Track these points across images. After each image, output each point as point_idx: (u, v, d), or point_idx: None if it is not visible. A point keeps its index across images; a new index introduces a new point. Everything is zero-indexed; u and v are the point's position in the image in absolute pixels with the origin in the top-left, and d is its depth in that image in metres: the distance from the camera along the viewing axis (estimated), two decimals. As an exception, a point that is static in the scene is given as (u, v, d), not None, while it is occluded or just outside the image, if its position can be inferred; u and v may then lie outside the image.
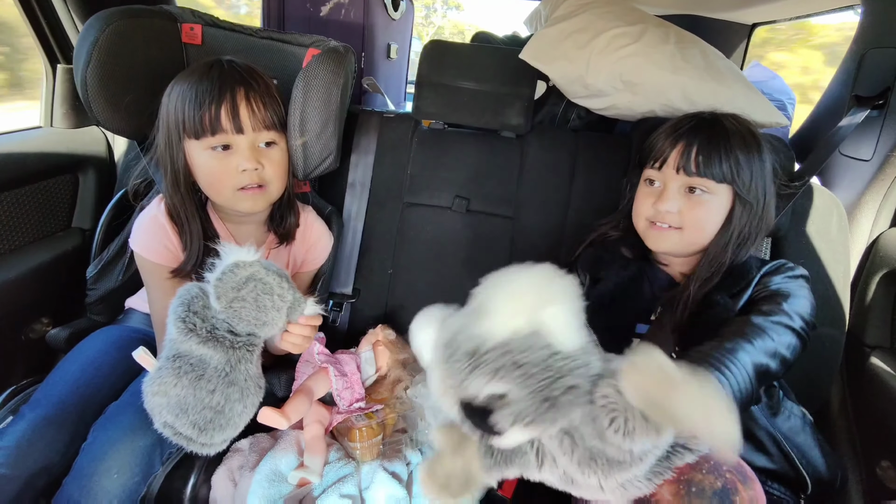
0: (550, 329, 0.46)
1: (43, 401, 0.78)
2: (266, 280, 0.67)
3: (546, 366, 0.46)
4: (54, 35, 1.14)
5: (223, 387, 0.67)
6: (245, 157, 0.81)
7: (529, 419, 0.47)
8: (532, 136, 1.18)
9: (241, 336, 0.69)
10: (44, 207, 1.12)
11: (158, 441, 0.74)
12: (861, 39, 1.07)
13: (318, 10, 1.46)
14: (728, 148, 0.78)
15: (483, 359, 0.47)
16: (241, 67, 0.83)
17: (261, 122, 0.82)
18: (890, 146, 0.98)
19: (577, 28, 1.10)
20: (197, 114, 0.78)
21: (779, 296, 0.73)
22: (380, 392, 0.95)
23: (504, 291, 0.47)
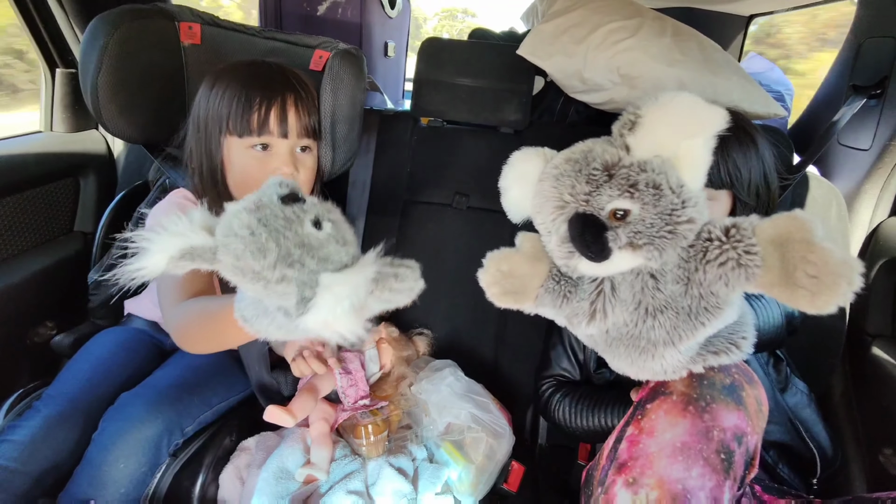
0: (686, 160, 0.48)
1: (57, 398, 0.79)
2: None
3: (677, 193, 0.48)
4: (52, 40, 1.14)
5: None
6: (284, 161, 0.82)
7: (645, 241, 0.49)
8: (531, 132, 1.18)
9: None
10: (45, 212, 1.12)
11: (166, 431, 0.75)
12: (858, 29, 1.07)
13: (314, 9, 1.46)
14: (725, 153, 0.77)
15: (621, 171, 0.49)
16: (289, 71, 0.85)
17: (304, 128, 0.84)
18: (888, 135, 0.99)
19: (574, 23, 1.10)
20: (247, 113, 0.79)
21: None
22: (384, 389, 0.96)
23: (663, 113, 0.49)
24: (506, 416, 0.95)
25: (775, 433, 0.78)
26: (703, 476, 0.53)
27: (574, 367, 0.92)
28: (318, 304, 0.43)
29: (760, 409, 0.59)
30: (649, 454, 0.56)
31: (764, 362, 0.80)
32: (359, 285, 0.45)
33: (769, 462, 0.77)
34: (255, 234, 0.45)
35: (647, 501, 0.53)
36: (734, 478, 0.54)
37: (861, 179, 1.05)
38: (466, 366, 1.01)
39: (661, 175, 0.49)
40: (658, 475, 0.54)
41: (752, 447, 0.57)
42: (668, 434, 0.55)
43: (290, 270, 0.45)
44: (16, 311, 1.01)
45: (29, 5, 1.09)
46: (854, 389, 1.03)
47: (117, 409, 0.77)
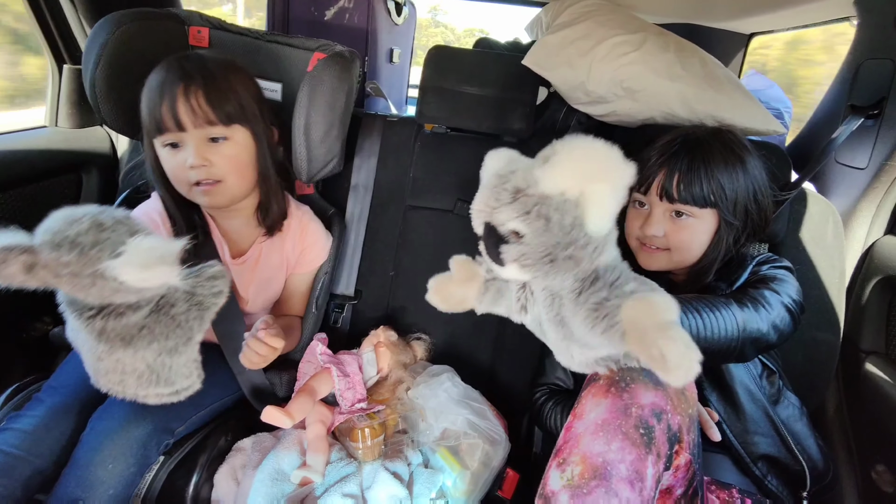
0: (590, 204, 0.52)
1: (59, 389, 0.80)
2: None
3: (565, 231, 0.53)
4: (61, 36, 1.15)
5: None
6: (190, 154, 0.80)
7: (529, 263, 0.55)
8: (533, 141, 1.19)
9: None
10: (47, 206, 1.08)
11: (154, 431, 0.75)
12: (857, 50, 1.09)
13: (322, 15, 1.47)
14: (709, 172, 0.78)
15: (522, 199, 0.54)
16: (193, 63, 0.81)
17: (202, 118, 0.80)
18: (885, 155, 1.00)
19: (579, 35, 1.11)
20: (147, 112, 0.80)
21: (767, 279, 0.78)
22: (381, 393, 0.96)
23: (575, 153, 0.53)
24: (502, 422, 0.95)
25: (763, 445, 0.78)
26: (623, 450, 0.57)
27: (568, 376, 0.93)
28: (128, 251, 0.52)
29: (683, 392, 0.63)
30: (577, 435, 0.60)
31: (757, 374, 0.81)
32: (167, 245, 0.54)
33: (758, 474, 0.78)
34: (71, 213, 0.54)
35: (572, 476, 0.57)
36: (657, 453, 0.58)
37: (857, 198, 1.06)
38: (464, 371, 1.01)
39: (556, 211, 0.53)
40: (582, 452, 0.58)
41: (674, 426, 0.60)
42: (592, 414, 0.60)
43: (102, 234, 0.53)
44: (12, 305, 1.01)
45: (41, 2, 1.10)
46: (847, 405, 1.03)
47: (105, 408, 0.77)
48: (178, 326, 0.62)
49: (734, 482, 0.78)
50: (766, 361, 0.83)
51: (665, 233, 0.82)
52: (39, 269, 0.53)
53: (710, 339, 0.68)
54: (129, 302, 0.58)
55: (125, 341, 0.60)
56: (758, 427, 0.79)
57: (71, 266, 0.52)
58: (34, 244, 0.53)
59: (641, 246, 0.86)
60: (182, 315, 0.62)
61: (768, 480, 0.78)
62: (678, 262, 0.85)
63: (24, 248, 0.52)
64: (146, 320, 0.60)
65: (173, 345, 0.63)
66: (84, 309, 0.57)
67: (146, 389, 0.65)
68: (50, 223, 0.54)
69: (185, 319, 0.63)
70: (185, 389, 0.68)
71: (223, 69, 0.83)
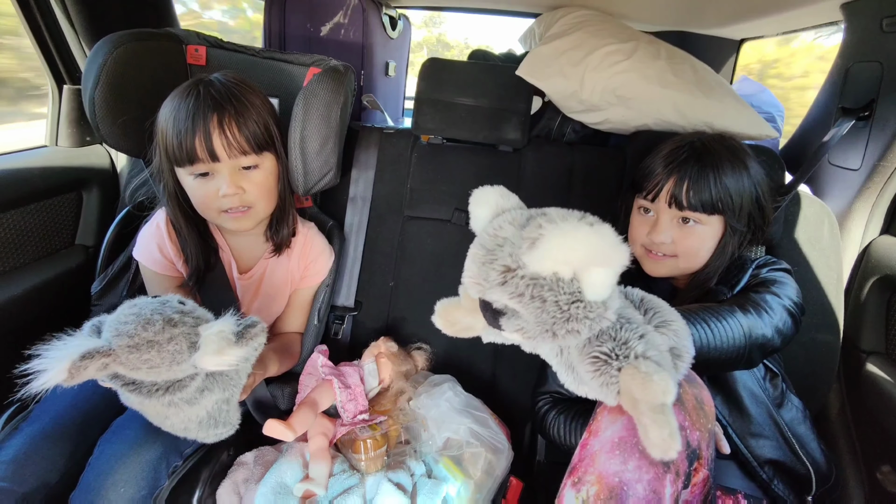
0: (589, 284, 0.50)
1: (42, 416, 0.79)
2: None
3: (563, 308, 0.50)
4: (61, 56, 1.17)
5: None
6: (225, 183, 0.81)
7: (529, 336, 0.53)
8: (529, 150, 1.20)
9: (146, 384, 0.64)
10: (48, 225, 1.13)
11: (164, 454, 0.75)
12: (845, 54, 1.10)
13: (318, 30, 1.49)
14: (718, 179, 0.80)
15: (513, 280, 0.51)
16: (218, 89, 0.81)
17: (236, 148, 0.81)
18: (877, 156, 1.01)
19: (572, 45, 1.13)
20: (175, 143, 0.79)
21: (767, 282, 0.78)
22: (383, 404, 0.96)
23: (563, 239, 0.49)
24: (504, 431, 0.95)
25: (769, 449, 0.78)
26: (640, 468, 0.54)
27: None
28: (206, 341, 0.59)
29: (702, 407, 0.61)
30: (593, 454, 0.58)
31: (760, 377, 0.81)
32: (230, 327, 0.61)
33: (764, 478, 0.77)
34: (140, 314, 0.60)
35: (587, 496, 0.55)
36: (676, 472, 0.56)
37: (852, 199, 1.07)
38: (465, 380, 1.01)
39: (551, 292, 0.50)
40: (598, 471, 0.56)
41: (693, 442, 0.58)
42: (608, 431, 0.58)
43: (175, 330, 0.60)
44: (15, 323, 1.01)
45: (39, 22, 1.12)
46: (850, 406, 1.03)
47: (114, 432, 0.77)
48: (230, 380, 0.68)
49: (739, 487, 0.78)
50: (769, 364, 0.84)
51: (672, 239, 0.82)
52: (115, 366, 0.59)
53: (719, 349, 0.68)
54: (191, 374, 0.64)
55: (190, 404, 0.65)
56: (762, 430, 0.79)
57: (151, 362, 0.59)
58: (112, 348, 0.58)
59: (647, 253, 0.86)
60: (234, 371, 0.68)
61: (774, 484, 0.77)
62: (684, 268, 0.85)
63: (104, 353, 0.57)
64: (205, 383, 0.65)
65: (228, 395, 0.69)
66: (152, 389, 0.62)
67: (206, 432, 0.70)
68: (120, 325, 0.59)
69: (236, 374, 0.69)
70: (236, 423, 0.73)
71: (248, 94, 0.84)
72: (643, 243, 0.86)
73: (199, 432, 0.69)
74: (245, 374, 0.70)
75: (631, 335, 0.54)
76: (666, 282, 0.91)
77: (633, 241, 0.88)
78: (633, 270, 0.91)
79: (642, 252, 0.87)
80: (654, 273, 0.87)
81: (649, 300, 0.62)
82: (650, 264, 0.87)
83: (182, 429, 0.68)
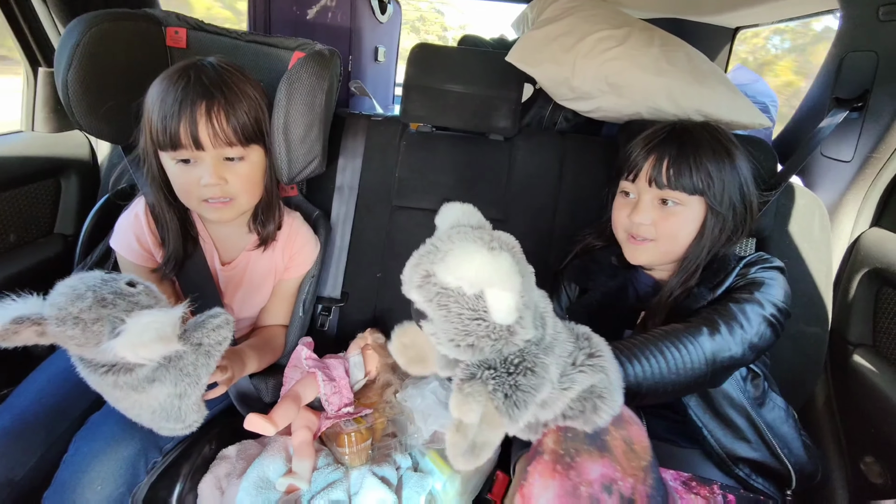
0: (490, 305, 0.52)
1: (4, 414, 0.77)
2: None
3: (465, 322, 0.53)
4: (35, 38, 1.13)
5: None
6: (207, 172, 0.79)
7: (440, 343, 0.55)
8: (520, 139, 1.18)
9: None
10: (25, 213, 1.10)
11: (143, 450, 0.73)
12: (840, 43, 1.09)
13: (304, 14, 1.45)
14: (698, 160, 0.79)
15: (427, 286, 0.54)
16: (211, 76, 0.79)
17: (222, 138, 0.79)
18: (869, 147, 1.00)
19: (563, 31, 1.10)
20: (160, 127, 0.77)
21: (753, 285, 0.76)
22: (369, 396, 0.95)
23: (462, 258, 0.52)
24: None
25: (746, 450, 0.78)
26: None
27: None
28: (127, 330, 0.55)
29: (632, 448, 0.58)
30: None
31: (741, 378, 0.80)
32: (164, 320, 0.56)
33: (741, 476, 0.77)
34: (76, 288, 0.58)
35: None
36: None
37: (843, 190, 1.06)
38: (452, 373, 1.00)
39: (456, 304, 0.52)
40: None
41: (627, 491, 0.56)
42: (542, 499, 0.55)
43: (104, 310, 0.57)
44: None
45: (11, 3, 1.07)
46: (836, 398, 1.04)
47: (90, 428, 0.75)
48: (186, 375, 0.64)
49: (716, 478, 0.78)
50: (751, 365, 0.83)
51: (653, 221, 0.81)
52: (48, 336, 0.57)
53: (675, 380, 0.67)
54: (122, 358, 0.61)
55: (136, 390, 0.62)
56: (740, 433, 0.78)
57: (76, 339, 0.57)
58: (43, 316, 0.57)
59: (629, 238, 0.85)
60: (190, 365, 0.64)
61: (753, 479, 0.77)
62: (665, 252, 0.84)
63: (34, 321, 0.56)
64: (155, 373, 0.62)
65: (181, 390, 0.65)
66: (96, 366, 0.60)
67: (159, 423, 0.66)
68: (57, 297, 0.58)
69: (192, 369, 0.65)
70: (194, 423, 0.68)
71: (241, 84, 0.82)
72: (624, 227, 0.85)
73: (152, 422, 0.66)
74: (205, 373, 0.66)
75: (521, 363, 0.54)
76: (649, 276, 0.90)
77: (617, 226, 0.88)
78: (615, 263, 0.92)
79: (624, 237, 0.86)
80: (636, 260, 0.86)
81: (589, 336, 0.61)
82: (631, 250, 0.86)
83: (134, 415, 0.65)
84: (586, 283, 0.92)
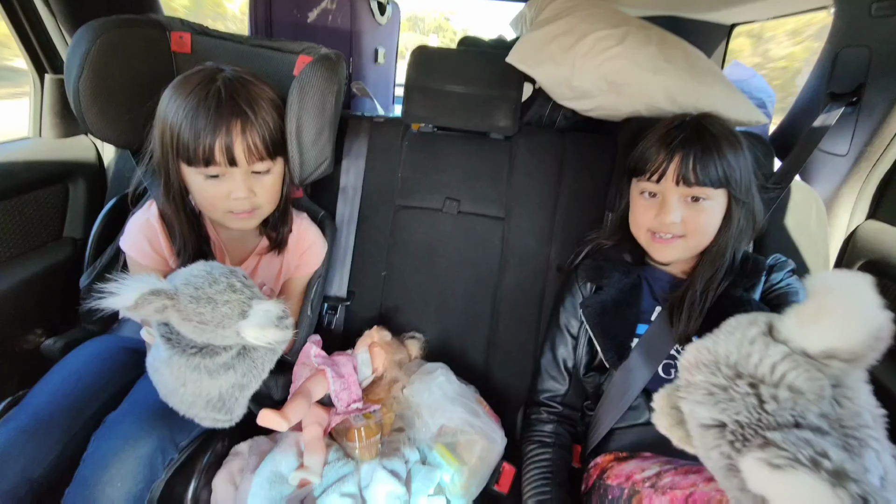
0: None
1: (21, 413, 0.78)
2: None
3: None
4: (42, 45, 1.14)
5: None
6: (237, 187, 0.81)
7: None
8: (520, 138, 1.20)
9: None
10: (34, 218, 1.11)
11: (160, 448, 0.75)
12: (834, 39, 1.10)
13: (305, 16, 1.47)
14: (720, 153, 0.81)
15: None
16: (241, 92, 0.80)
17: (255, 154, 0.81)
18: (864, 141, 1.02)
19: (562, 31, 1.12)
20: (192, 144, 0.77)
21: (789, 294, 0.82)
22: (377, 393, 0.96)
23: None
24: (495, 419, 0.96)
25: None
26: None
27: (563, 377, 0.95)
28: (254, 314, 0.65)
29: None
30: None
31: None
32: (279, 310, 0.66)
33: None
34: (210, 272, 0.67)
35: None
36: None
37: (839, 184, 1.08)
38: (458, 368, 1.02)
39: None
40: None
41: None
42: None
43: (234, 295, 0.66)
44: (4, 318, 1.00)
45: (18, 11, 1.09)
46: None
47: (108, 427, 0.77)
48: (254, 367, 0.71)
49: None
50: None
51: (682, 218, 0.83)
52: (171, 312, 0.64)
53: None
54: (227, 344, 0.68)
55: (211, 375, 0.68)
56: None
57: (203, 316, 0.64)
58: (178, 292, 0.64)
59: (653, 237, 0.86)
60: (260, 358, 0.71)
61: None
62: (693, 247, 0.85)
63: (168, 295, 0.63)
64: (233, 360, 0.69)
65: (246, 381, 0.71)
66: (188, 347, 0.67)
67: (208, 413, 0.70)
68: (191, 276, 0.66)
69: (261, 362, 0.72)
70: (237, 417, 0.73)
71: (266, 97, 0.84)
72: (650, 227, 0.86)
73: (202, 411, 0.70)
74: (267, 367, 0.72)
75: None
76: (665, 273, 0.92)
77: (639, 227, 0.88)
78: (629, 260, 0.93)
79: (647, 238, 0.87)
80: (664, 257, 0.88)
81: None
82: (658, 249, 0.87)
83: (189, 402, 0.69)
84: (600, 280, 0.93)
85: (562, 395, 0.94)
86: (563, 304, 0.97)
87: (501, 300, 1.14)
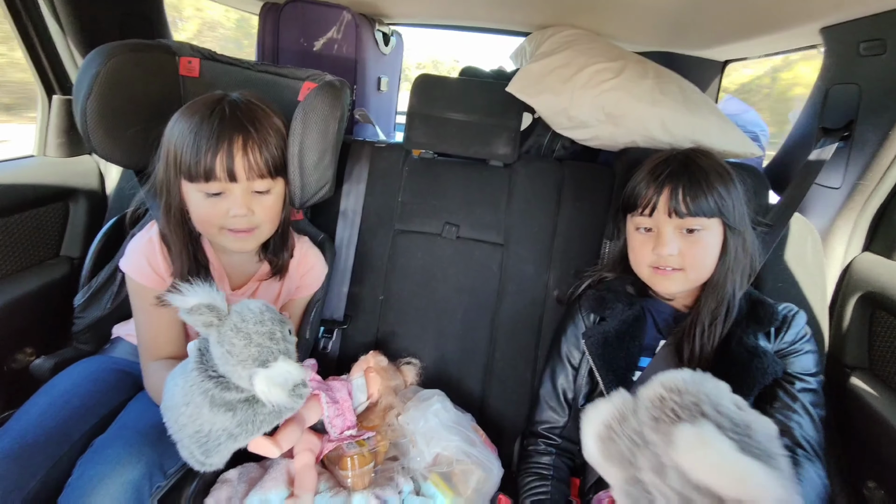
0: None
1: (4, 436, 0.76)
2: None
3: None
4: (52, 66, 1.16)
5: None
6: (237, 204, 0.81)
7: None
8: (519, 165, 1.22)
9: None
10: (33, 236, 1.11)
11: (147, 474, 0.73)
12: (825, 76, 1.14)
13: (311, 45, 1.51)
14: (709, 183, 0.81)
15: None
16: (244, 111, 0.82)
17: (255, 171, 0.82)
18: (857, 175, 1.04)
19: (561, 63, 1.15)
20: (193, 159, 0.78)
21: (799, 358, 0.83)
22: (371, 419, 0.95)
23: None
24: (492, 449, 0.94)
25: None
26: None
27: (562, 408, 0.93)
28: (273, 368, 0.66)
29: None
30: None
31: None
32: (298, 375, 0.68)
33: None
34: (263, 312, 0.69)
35: None
36: None
37: (833, 216, 1.09)
38: (454, 395, 1.00)
39: None
40: None
41: None
42: None
43: (268, 342, 0.68)
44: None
45: (31, 32, 1.12)
46: (836, 422, 1.04)
47: (95, 451, 0.75)
48: (252, 422, 0.69)
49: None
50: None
51: (679, 250, 0.83)
52: (213, 330, 0.67)
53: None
54: (241, 386, 0.68)
55: (211, 408, 0.67)
56: None
57: (235, 348, 0.66)
58: (227, 316, 0.68)
59: (654, 271, 0.86)
60: (261, 415, 0.69)
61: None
62: (694, 279, 0.85)
63: (219, 315, 0.67)
64: (238, 404, 0.68)
65: (238, 432, 0.68)
66: (209, 368, 0.68)
67: (190, 444, 0.68)
68: (246, 310, 0.69)
69: (262, 420, 0.69)
70: (209, 466, 0.69)
71: (270, 118, 0.85)
72: (649, 262, 0.86)
73: (187, 439, 0.67)
74: (263, 428, 0.70)
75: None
76: (667, 306, 0.91)
77: (639, 263, 0.88)
78: (631, 292, 0.93)
79: (650, 273, 0.86)
80: (666, 291, 0.88)
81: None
82: (659, 282, 0.86)
83: (181, 424, 0.67)
84: (603, 311, 0.93)
85: (560, 426, 0.93)
86: (564, 334, 0.96)
87: (499, 327, 1.14)
